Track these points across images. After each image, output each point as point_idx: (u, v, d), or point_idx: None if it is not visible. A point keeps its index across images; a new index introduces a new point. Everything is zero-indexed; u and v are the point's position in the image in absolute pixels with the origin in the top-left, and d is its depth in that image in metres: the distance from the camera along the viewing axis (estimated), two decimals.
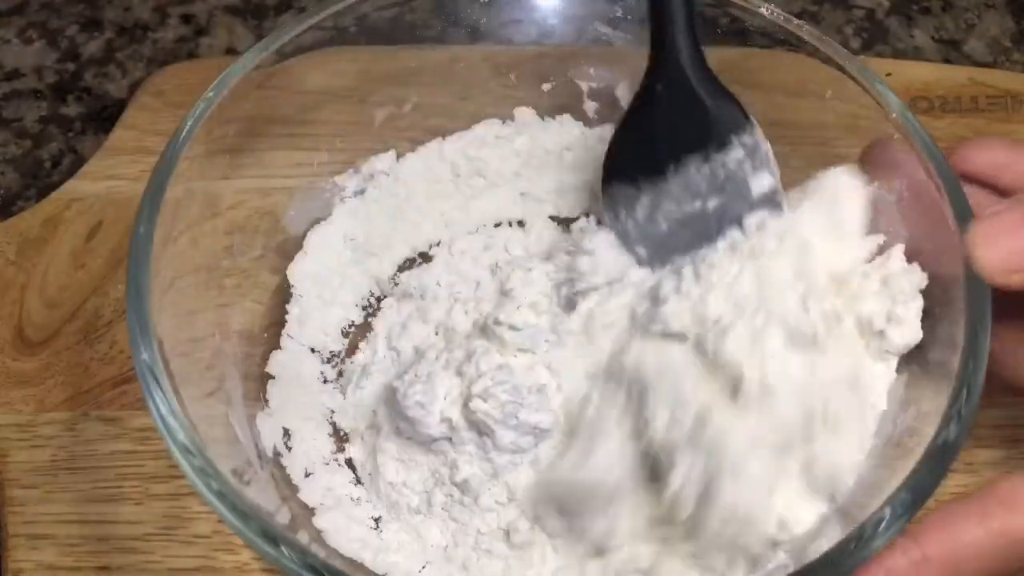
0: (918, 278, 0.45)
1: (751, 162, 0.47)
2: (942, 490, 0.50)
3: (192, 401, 0.41)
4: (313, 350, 0.54)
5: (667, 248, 0.48)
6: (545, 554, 0.47)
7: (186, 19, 0.77)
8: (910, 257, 0.46)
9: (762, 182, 0.47)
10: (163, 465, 0.51)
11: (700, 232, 0.47)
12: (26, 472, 0.51)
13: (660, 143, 0.47)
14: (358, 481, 0.50)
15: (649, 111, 0.48)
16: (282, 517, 0.44)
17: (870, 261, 0.47)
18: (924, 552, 0.37)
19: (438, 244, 0.58)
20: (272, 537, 0.37)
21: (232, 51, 0.75)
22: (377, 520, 0.49)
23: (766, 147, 0.47)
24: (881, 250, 0.47)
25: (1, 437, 0.52)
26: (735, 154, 0.47)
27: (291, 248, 0.56)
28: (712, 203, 0.47)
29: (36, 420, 0.53)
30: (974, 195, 0.44)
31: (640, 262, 0.48)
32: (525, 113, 0.60)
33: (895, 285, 0.45)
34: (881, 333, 0.45)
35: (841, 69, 0.50)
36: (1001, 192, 0.45)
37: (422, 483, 0.48)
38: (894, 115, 0.47)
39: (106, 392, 0.54)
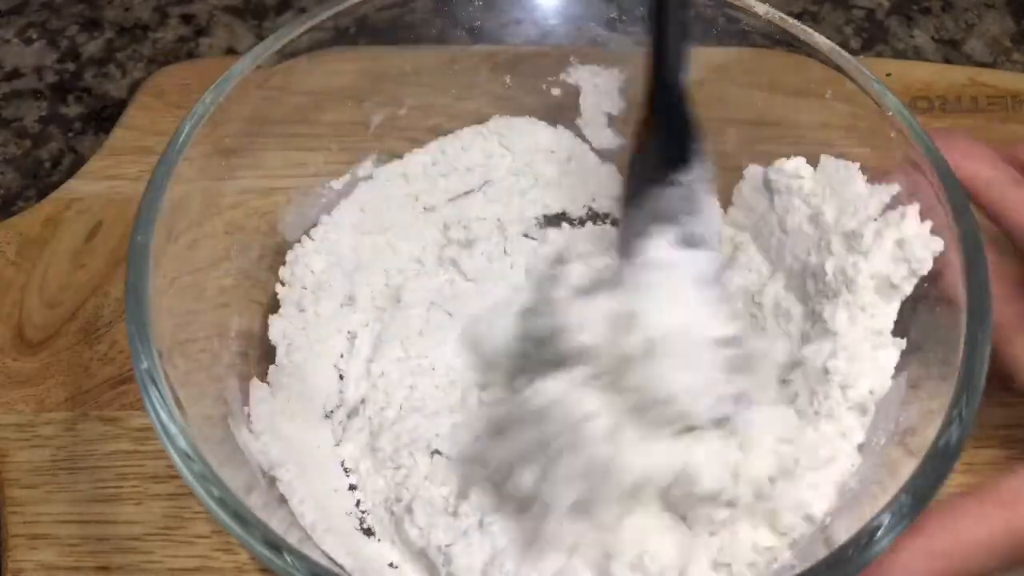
0: (935, 244, 0.45)
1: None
2: (942, 490, 0.51)
3: (192, 405, 0.41)
4: None
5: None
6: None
7: (186, 19, 0.77)
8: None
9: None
10: (163, 465, 0.51)
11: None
12: (26, 472, 0.51)
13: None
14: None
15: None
16: (282, 521, 0.44)
17: (881, 215, 0.47)
18: (932, 547, 0.38)
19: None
20: (274, 544, 0.37)
21: (232, 51, 0.75)
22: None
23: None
24: (893, 204, 0.47)
25: (1, 437, 0.52)
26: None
27: (290, 249, 0.56)
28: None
29: (36, 420, 0.53)
30: None
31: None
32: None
33: (910, 250, 0.45)
34: (898, 287, 0.45)
35: (839, 69, 0.50)
36: (980, 204, 0.46)
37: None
38: (891, 114, 0.47)
39: (106, 392, 0.54)
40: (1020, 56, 0.75)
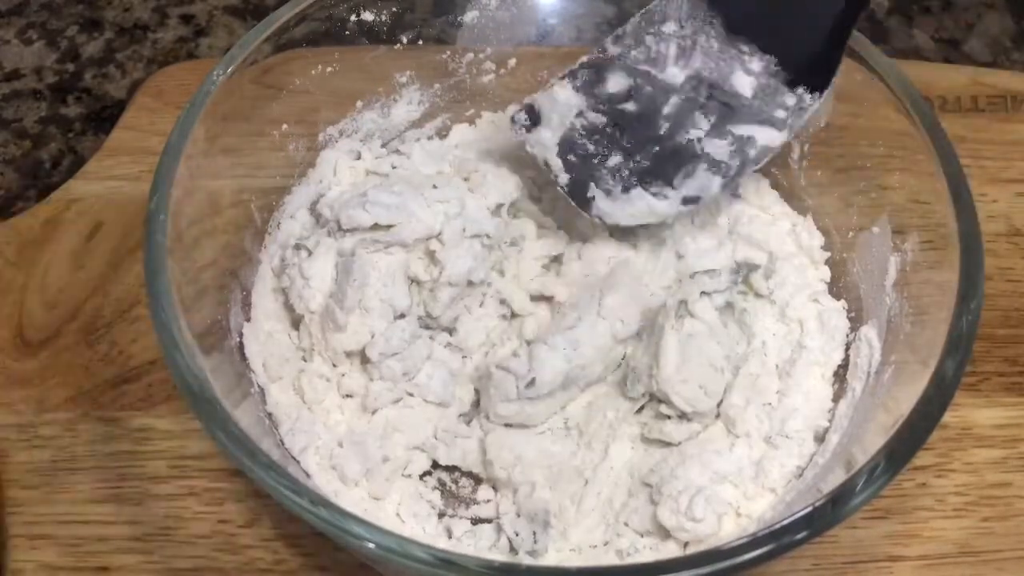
0: None
1: None
2: (942, 490, 0.51)
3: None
4: None
5: None
6: None
7: (186, 19, 0.77)
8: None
9: None
10: (163, 465, 0.51)
11: None
12: (26, 473, 0.51)
13: None
14: None
15: None
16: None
17: None
18: None
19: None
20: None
21: None
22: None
23: None
24: None
25: (1, 437, 0.52)
26: None
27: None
28: None
29: (36, 421, 0.53)
30: None
31: None
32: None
33: None
34: None
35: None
36: None
37: None
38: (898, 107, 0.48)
39: (106, 392, 0.54)
40: (1020, 56, 0.75)
